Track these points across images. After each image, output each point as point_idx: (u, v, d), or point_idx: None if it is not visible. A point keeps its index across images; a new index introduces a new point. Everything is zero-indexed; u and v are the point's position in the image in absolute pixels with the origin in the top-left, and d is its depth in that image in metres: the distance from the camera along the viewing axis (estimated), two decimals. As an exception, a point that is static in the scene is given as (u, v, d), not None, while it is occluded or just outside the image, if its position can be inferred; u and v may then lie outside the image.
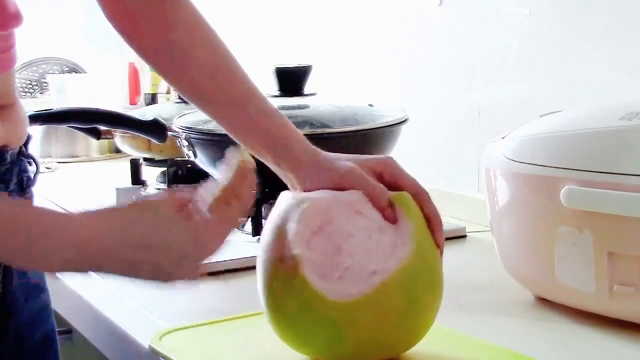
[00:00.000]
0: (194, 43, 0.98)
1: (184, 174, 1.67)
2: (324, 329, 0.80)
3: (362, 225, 0.82)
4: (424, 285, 0.83)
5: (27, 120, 1.01)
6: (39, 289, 1.05)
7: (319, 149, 0.93)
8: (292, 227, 0.82)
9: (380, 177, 0.88)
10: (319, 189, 0.88)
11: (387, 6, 1.69)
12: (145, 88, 2.44)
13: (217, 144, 0.99)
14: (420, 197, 0.87)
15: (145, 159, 1.75)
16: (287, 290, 0.81)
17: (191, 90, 0.99)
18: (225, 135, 1.16)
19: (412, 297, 0.82)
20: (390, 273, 0.80)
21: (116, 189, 1.59)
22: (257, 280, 0.85)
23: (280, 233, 0.82)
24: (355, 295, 0.79)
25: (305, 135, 1.28)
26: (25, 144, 1.00)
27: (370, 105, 1.37)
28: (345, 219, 0.82)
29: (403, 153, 1.40)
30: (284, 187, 0.92)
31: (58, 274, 0.89)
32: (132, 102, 2.52)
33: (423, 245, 0.84)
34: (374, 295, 0.80)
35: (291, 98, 1.36)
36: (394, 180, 0.88)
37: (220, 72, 0.98)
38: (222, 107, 0.97)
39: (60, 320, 1.25)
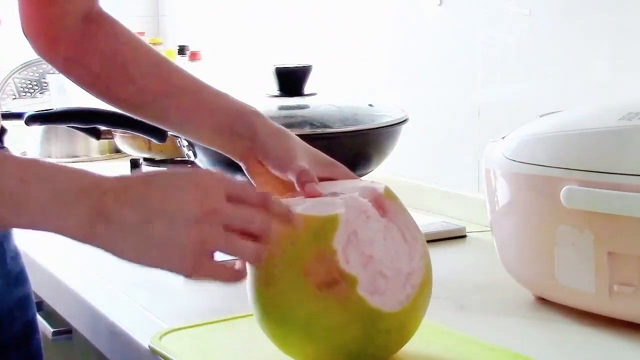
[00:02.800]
0: (135, 51, 1.01)
1: (184, 174, 1.66)
2: (374, 343, 0.78)
3: (375, 228, 0.80)
4: (432, 277, 0.83)
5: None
6: (20, 280, 1.06)
7: None
8: (335, 247, 0.77)
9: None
10: (289, 157, 0.91)
11: (387, 6, 1.69)
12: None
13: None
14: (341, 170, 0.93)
15: (145, 159, 1.75)
16: (335, 312, 0.76)
17: (138, 94, 1.00)
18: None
19: (430, 293, 0.83)
20: (422, 271, 0.80)
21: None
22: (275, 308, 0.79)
23: (317, 255, 0.77)
24: (404, 302, 0.78)
25: (305, 135, 1.28)
26: (1, 136, 1.02)
27: (370, 105, 1.37)
28: (363, 226, 0.79)
29: (403, 153, 1.40)
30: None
31: None
32: (132, 102, 2.51)
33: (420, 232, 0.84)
34: (418, 297, 0.80)
35: (291, 98, 1.36)
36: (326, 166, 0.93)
37: (164, 69, 1.00)
38: (171, 99, 0.98)
39: (60, 320, 1.25)
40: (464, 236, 1.35)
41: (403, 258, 0.80)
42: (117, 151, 2.14)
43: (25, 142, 2.24)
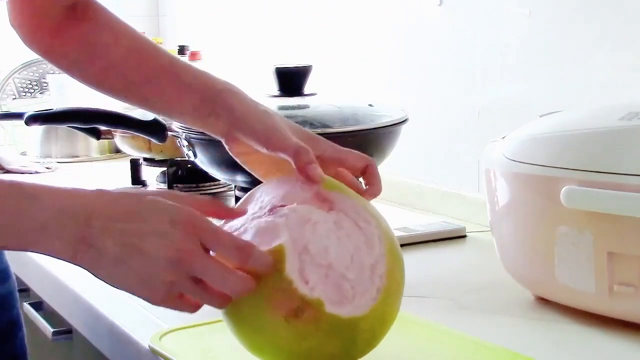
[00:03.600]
0: (116, 37, 1.00)
1: (184, 174, 1.67)
2: (357, 343, 0.77)
3: (325, 231, 0.77)
4: (399, 248, 0.81)
5: None
6: (2, 277, 1.06)
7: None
8: (290, 276, 0.75)
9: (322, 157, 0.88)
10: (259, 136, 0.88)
11: (387, 6, 1.69)
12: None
13: (217, 144, 0.98)
14: (371, 167, 0.88)
15: (145, 159, 1.75)
16: (310, 335, 0.75)
17: (119, 81, 0.99)
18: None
19: (403, 266, 0.81)
20: (386, 256, 0.78)
21: (116, 189, 1.59)
22: (244, 337, 0.80)
23: (275, 288, 0.75)
24: (377, 296, 0.77)
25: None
26: None
27: (370, 105, 1.37)
28: (312, 237, 0.77)
29: (403, 153, 1.40)
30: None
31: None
32: (132, 102, 2.51)
33: (376, 212, 0.82)
34: (390, 284, 0.78)
35: (291, 98, 1.36)
36: (337, 156, 0.89)
37: (144, 54, 0.99)
38: (151, 84, 0.97)
39: (60, 320, 1.25)
40: (464, 236, 1.35)
41: (362, 249, 0.78)
42: (117, 151, 2.14)
43: (25, 142, 2.24)
